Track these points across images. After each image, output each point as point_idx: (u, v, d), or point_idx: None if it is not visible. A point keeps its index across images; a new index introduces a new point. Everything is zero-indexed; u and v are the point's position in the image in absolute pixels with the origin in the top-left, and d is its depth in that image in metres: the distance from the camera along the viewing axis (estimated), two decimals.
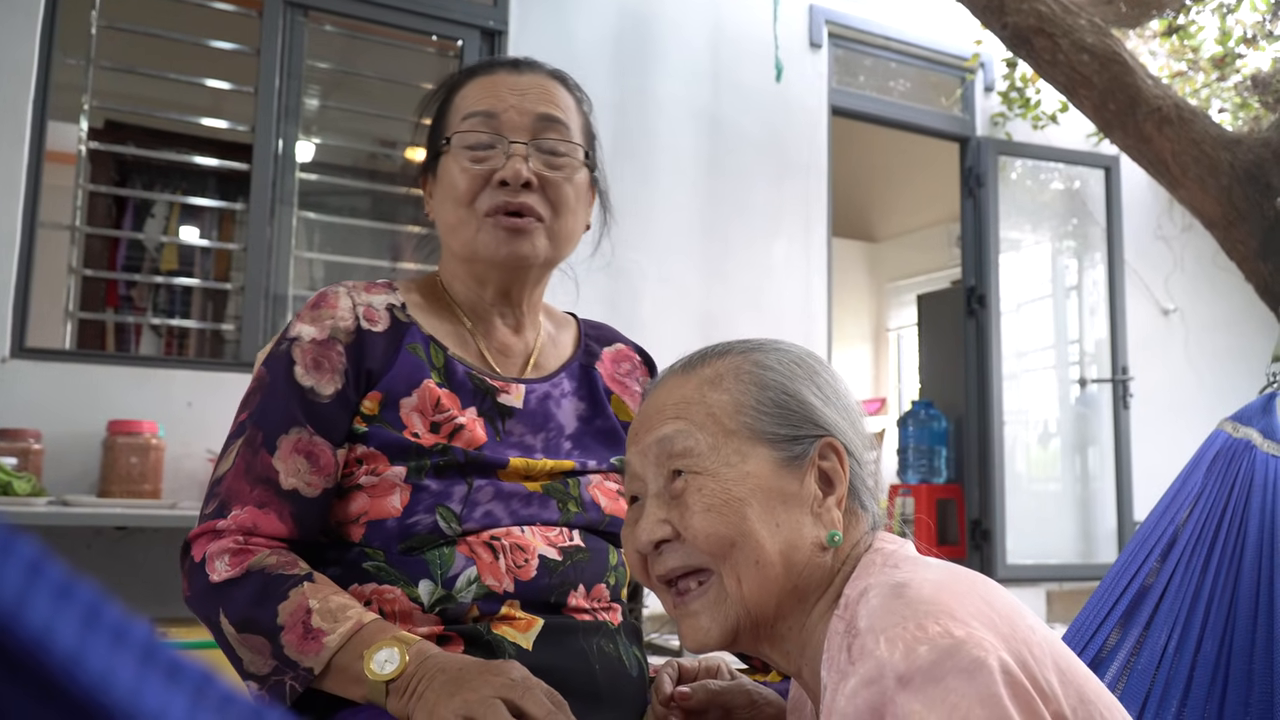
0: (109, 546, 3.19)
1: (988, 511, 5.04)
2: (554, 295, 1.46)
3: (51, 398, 3.19)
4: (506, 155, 1.26)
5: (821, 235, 4.72)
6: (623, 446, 1.36)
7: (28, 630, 0.24)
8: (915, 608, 0.78)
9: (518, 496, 1.23)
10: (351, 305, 1.26)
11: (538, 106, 1.29)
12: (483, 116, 1.28)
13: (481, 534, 1.19)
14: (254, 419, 1.21)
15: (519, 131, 1.27)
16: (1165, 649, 1.52)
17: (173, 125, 5.01)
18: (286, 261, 3.70)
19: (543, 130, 1.29)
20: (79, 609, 0.25)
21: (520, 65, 1.34)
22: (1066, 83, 3.92)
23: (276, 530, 1.17)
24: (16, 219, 3.22)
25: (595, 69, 4.29)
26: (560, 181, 1.28)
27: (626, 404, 1.41)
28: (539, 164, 1.27)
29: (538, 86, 1.31)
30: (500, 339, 1.34)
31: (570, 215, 1.31)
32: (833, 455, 0.93)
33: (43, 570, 0.25)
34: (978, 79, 5.28)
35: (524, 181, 1.25)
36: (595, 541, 1.27)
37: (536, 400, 1.31)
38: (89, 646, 0.25)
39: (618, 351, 1.46)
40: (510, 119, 1.28)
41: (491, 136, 1.27)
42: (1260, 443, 1.62)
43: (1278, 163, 3.72)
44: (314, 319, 1.24)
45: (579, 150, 1.31)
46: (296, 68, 3.75)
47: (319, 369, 1.21)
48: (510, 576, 1.17)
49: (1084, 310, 5.57)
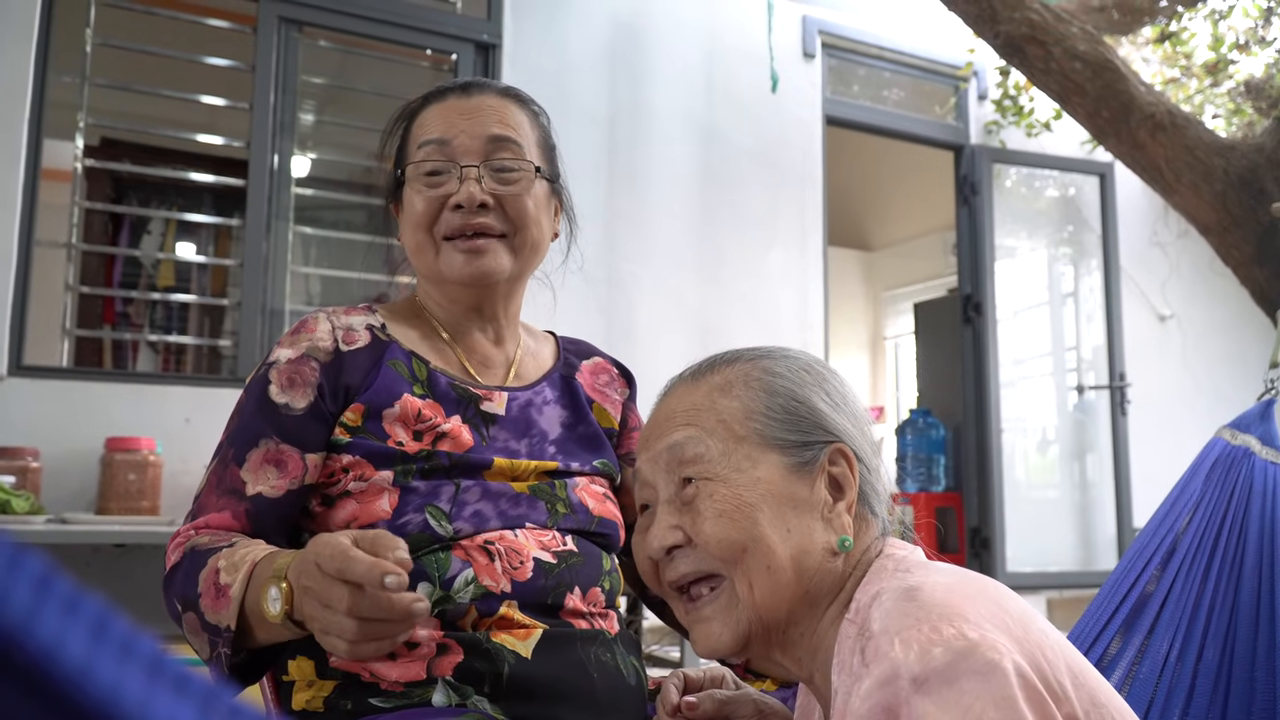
0: (108, 564, 3.18)
1: (987, 519, 5.04)
2: (534, 304, 1.48)
3: (49, 415, 3.19)
4: (460, 180, 1.30)
5: (817, 244, 4.73)
6: (606, 452, 1.39)
7: (38, 644, 0.24)
8: (929, 610, 0.78)
9: (505, 496, 1.25)
10: (330, 329, 1.29)
11: (488, 128, 1.32)
12: (436, 144, 1.31)
13: (476, 538, 1.20)
14: (229, 440, 1.24)
15: (470, 155, 1.31)
16: (1167, 657, 1.52)
17: (168, 142, 5.02)
18: (283, 277, 3.70)
19: (494, 151, 1.32)
20: (87, 623, 0.25)
21: (470, 88, 1.37)
22: (1059, 90, 3.93)
23: (226, 523, 1.19)
24: (13, 237, 3.22)
25: (589, 81, 4.30)
26: (517, 195, 1.31)
27: (608, 411, 1.44)
28: (493, 183, 1.31)
29: (487, 108, 1.34)
30: (481, 351, 1.37)
31: (532, 226, 1.33)
32: (842, 461, 0.94)
33: (51, 585, 0.25)
34: (971, 87, 5.29)
35: (478, 203, 1.28)
36: (588, 546, 1.28)
37: (519, 407, 1.34)
38: (98, 660, 0.25)
39: (596, 364, 1.49)
40: (462, 143, 1.31)
41: (444, 163, 1.31)
42: (1259, 449, 1.62)
43: (1271, 168, 3.73)
44: (292, 343, 1.28)
45: (531, 166, 1.34)
46: (291, 83, 3.76)
47: (293, 386, 1.24)
48: (507, 577, 1.18)
49: (1081, 317, 5.57)
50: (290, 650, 1.19)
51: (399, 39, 4.00)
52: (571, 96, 4.25)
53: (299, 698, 1.16)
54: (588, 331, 1.57)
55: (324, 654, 1.16)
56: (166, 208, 5.40)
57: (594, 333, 4.11)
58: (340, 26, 3.88)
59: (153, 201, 5.47)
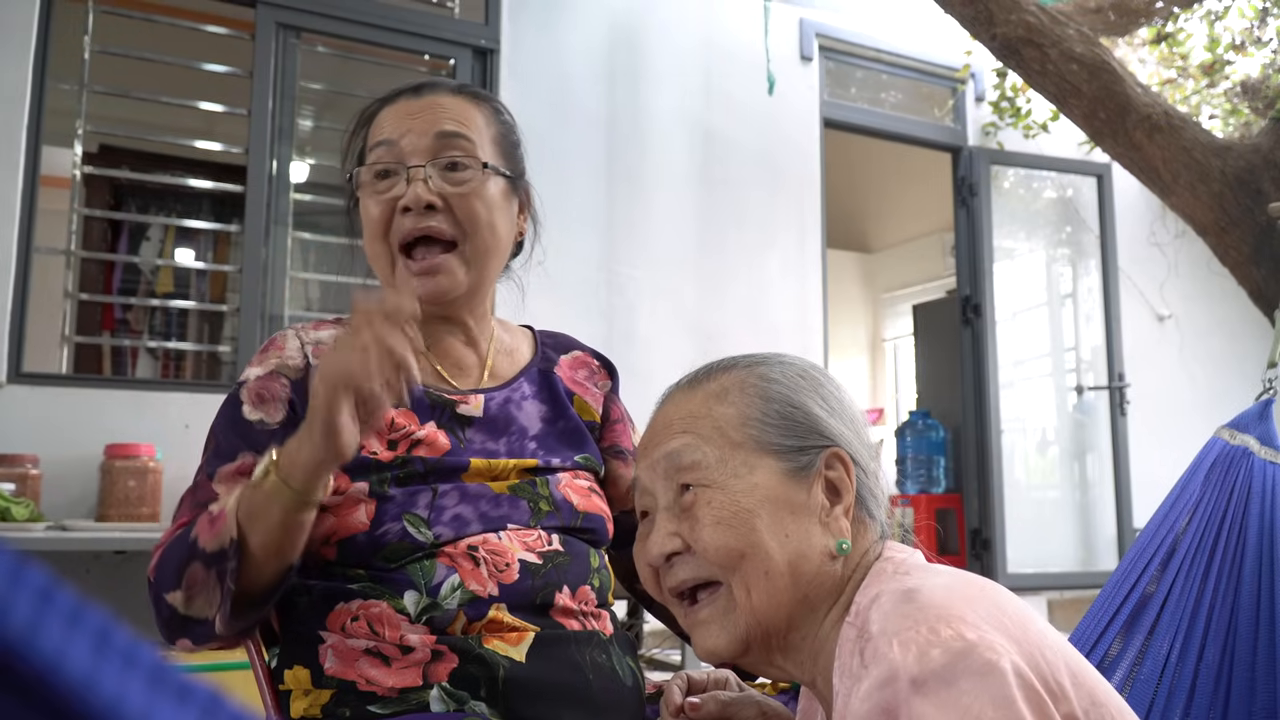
0: (108, 570, 3.18)
1: (987, 520, 5.04)
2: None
3: (49, 422, 3.19)
4: (408, 181, 1.27)
5: (816, 247, 4.73)
6: (588, 446, 1.38)
7: (41, 656, 0.24)
8: (927, 612, 0.78)
9: (485, 498, 1.24)
10: (300, 345, 1.29)
11: (435, 125, 1.29)
12: (385, 145, 1.29)
13: (459, 544, 1.19)
14: (205, 463, 1.24)
15: (418, 154, 1.28)
16: (1168, 657, 1.52)
17: (167, 148, 5.02)
18: (282, 282, 3.70)
19: (442, 149, 1.28)
20: (90, 634, 0.25)
21: (422, 88, 1.34)
22: (1056, 92, 3.93)
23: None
24: (12, 244, 3.22)
25: (587, 85, 4.31)
26: (465, 197, 1.28)
27: (589, 404, 1.42)
28: (441, 183, 1.27)
29: (436, 105, 1.31)
30: (454, 355, 1.36)
31: (485, 230, 1.29)
32: (839, 465, 0.94)
33: (53, 596, 0.25)
34: (968, 89, 5.30)
35: (425, 204, 1.25)
36: (575, 545, 1.27)
37: (497, 406, 1.32)
38: (100, 671, 0.25)
39: (575, 358, 1.47)
40: (410, 143, 1.28)
41: (393, 164, 1.28)
42: (1258, 449, 1.63)
43: (1268, 168, 3.73)
44: (261, 361, 1.28)
45: (478, 163, 1.30)
46: (289, 89, 3.76)
47: (264, 402, 1.24)
48: (494, 580, 1.18)
49: (1079, 318, 5.58)
50: (287, 659, 1.19)
51: (397, 44, 4.00)
52: (569, 100, 4.26)
53: (296, 706, 1.16)
54: (588, 334, 1.56)
55: (320, 663, 1.16)
56: (165, 214, 5.41)
57: (594, 335, 4.10)
58: (338, 32, 3.88)
59: (151, 208, 5.48)
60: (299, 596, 1.20)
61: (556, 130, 4.16)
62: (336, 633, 1.16)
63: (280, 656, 1.21)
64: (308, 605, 1.19)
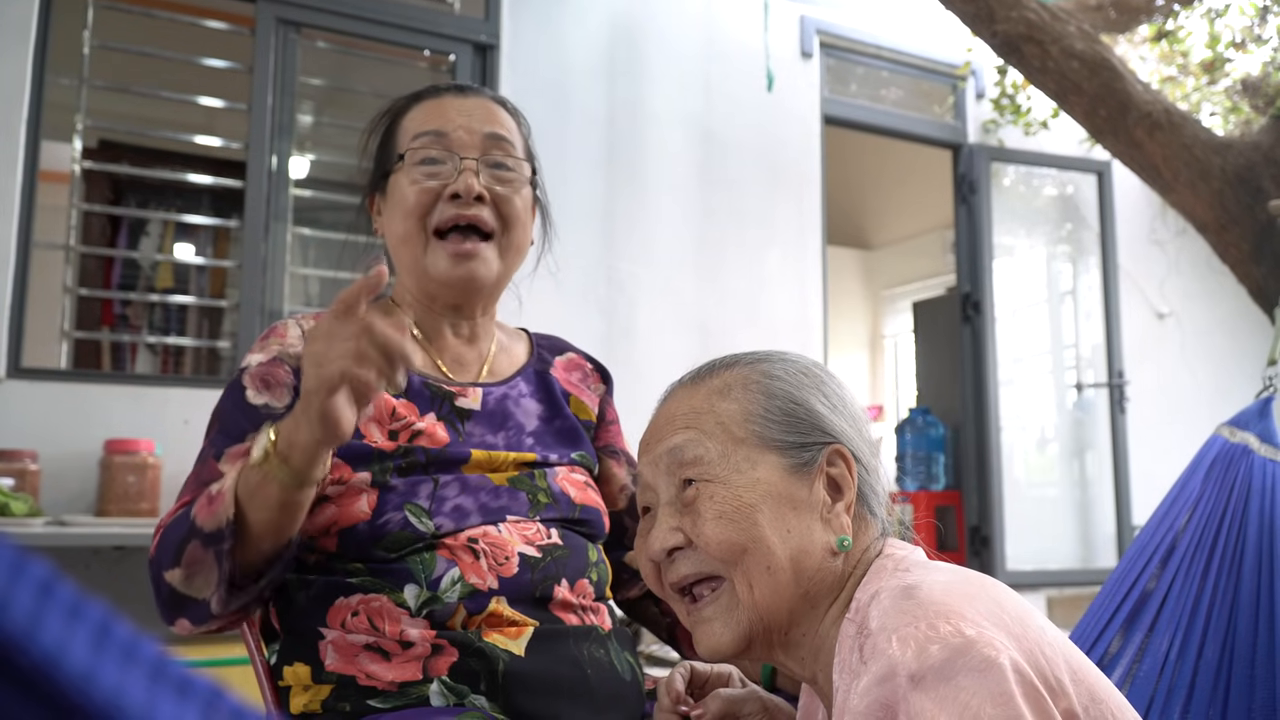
0: (108, 566, 3.18)
1: (987, 518, 5.04)
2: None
3: (48, 417, 3.19)
4: (458, 170, 1.31)
5: (816, 244, 4.73)
6: (584, 444, 1.40)
7: (41, 651, 0.24)
8: (926, 608, 0.79)
9: (485, 489, 1.25)
10: (300, 333, 1.30)
11: (485, 126, 1.35)
12: (433, 135, 1.34)
13: (459, 536, 1.20)
14: (210, 443, 1.24)
15: (469, 149, 1.33)
16: (1168, 655, 1.52)
17: (166, 143, 5.01)
18: (281, 278, 3.70)
19: (491, 148, 1.34)
20: (90, 628, 0.25)
21: (466, 90, 1.40)
22: (1057, 89, 3.93)
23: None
24: (11, 239, 3.21)
25: (587, 81, 4.30)
26: (509, 195, 1.34)
27: (585, 404, 1.45)
28: (489, 179, 1.33)
29: (483, 108, 1.38)
30: (454, 350, 1.38)
31: (520, 228, 1.36)
32: (840, 462, 0.95)
33: (54, 590, 0.25)
34: (969, 86, 5.30)
35: (476, 194, 1.30)
36: (573, 538, 1.29)
37: (495, 401, 1.35)
38: (101, 665, 0.25)
39: (570, 360, 1.50)
40: (460, 137, 1.33)
41: (443, 153, 1.33)
42: (1258, 447, 1.63)
43: (1269, 166, 3.73)
44: (262, 348, 1.29)
45: (525, 166, 1.37)
46: (289, 84, 3.76)
47: (268, 387, 1.25)
48: (493, 574, 1.19)
49: (1079, 315, 5.58)
50: (287, 656, 1.19)
51: (397, 40, 4.00)
52: (569, 97, 4.25)
53: (296, 701, 1.17)
54: (587, 330, 1.57)
55: (320, 658, 1.16)
56: (165, 209, 5.39)
57: (593, 333, 4.12)
58: (338, 28, 3.88)
59: (151, 203, 5.47)
60: (298, 592, 1.20)
61: (556, 126, 4.16)
62: (336, 628, 1.17)
63: (280, 653, 1.21)
64: (307, 601, 1.19)
